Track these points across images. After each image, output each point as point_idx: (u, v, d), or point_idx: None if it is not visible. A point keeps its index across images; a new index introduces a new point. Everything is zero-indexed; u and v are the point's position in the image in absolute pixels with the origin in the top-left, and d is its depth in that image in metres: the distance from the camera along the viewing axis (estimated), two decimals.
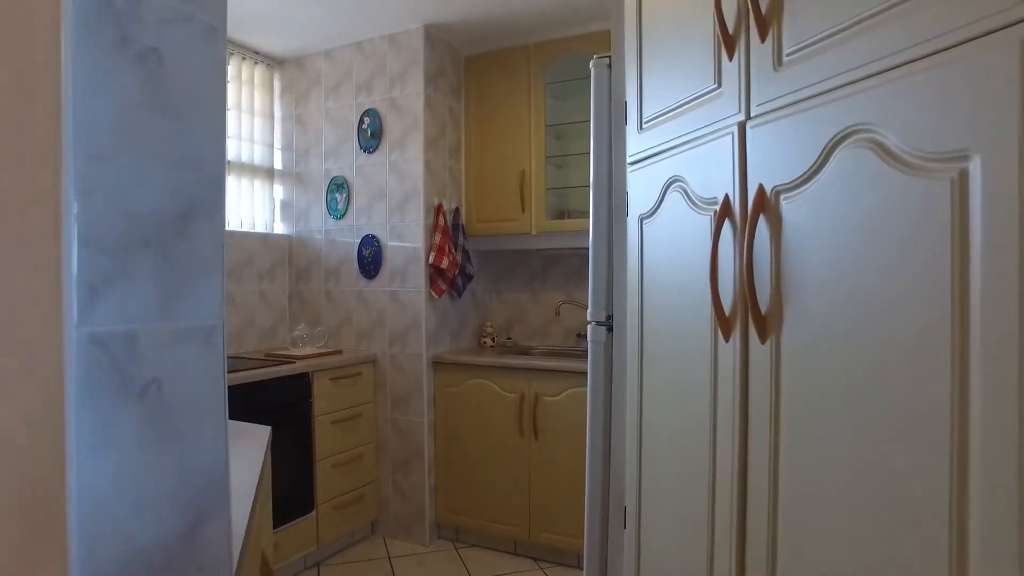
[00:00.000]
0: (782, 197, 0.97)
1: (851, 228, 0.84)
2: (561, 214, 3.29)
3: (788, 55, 0.97)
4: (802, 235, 0.93)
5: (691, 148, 1.24)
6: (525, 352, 3.36)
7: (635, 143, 1.51)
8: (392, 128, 3.14)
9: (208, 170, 0.69)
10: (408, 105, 3.09)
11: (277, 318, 3.44)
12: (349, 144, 3.28)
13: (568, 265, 3.44)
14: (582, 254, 3.33)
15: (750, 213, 1.01)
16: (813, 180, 0.91)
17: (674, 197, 1.30)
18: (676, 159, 1.30)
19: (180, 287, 0.67)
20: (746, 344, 1.06)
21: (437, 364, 3.12)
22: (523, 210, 3.18)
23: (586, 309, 3.38)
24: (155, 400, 0.64)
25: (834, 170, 0.87)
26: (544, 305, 3.50)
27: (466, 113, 3.35)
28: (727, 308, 1.10)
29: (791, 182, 0.95)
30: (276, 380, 2.64)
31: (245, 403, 2.50)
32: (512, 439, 2.92)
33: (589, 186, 1.98)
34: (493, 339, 3.46)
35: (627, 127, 1.56)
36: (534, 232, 3.17)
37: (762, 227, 1.01)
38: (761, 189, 1.01)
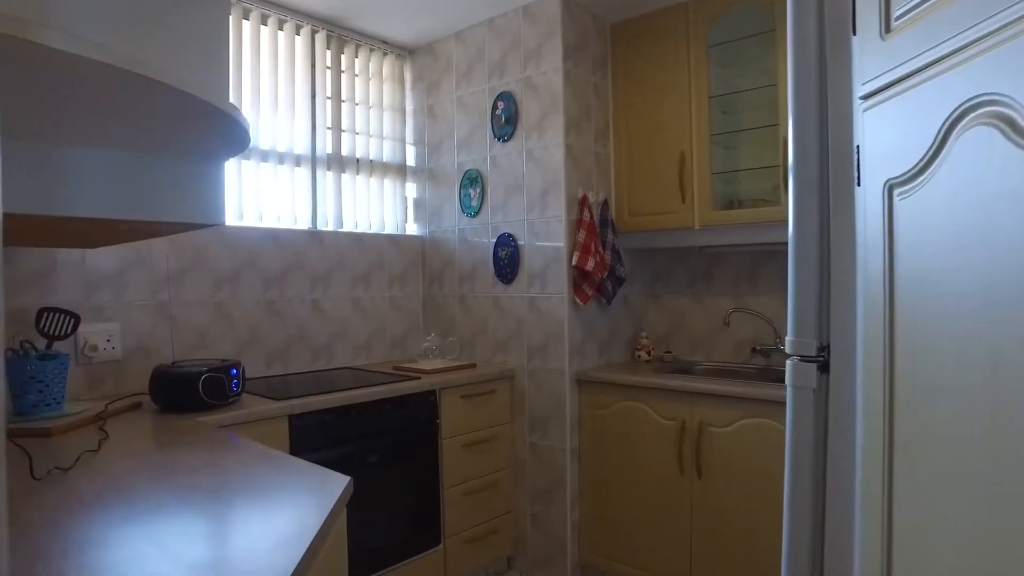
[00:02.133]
0: None
1: None
2: (730, 203, 2.72)
3: None
4: None
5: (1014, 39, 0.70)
6: (687, 369, 2.83)
7: (876, 59, 0.97)
8: (528, 111, 2.76)
9: None
10: (545, 84, 2.70)
11: (409, 326, 3.19)
12: (482, 133, 2.95)
13: (739, 265, 2.86)
14: (756, 252, 2.74)
15: None
16: None
17: (975, 137, 0.76)
18: (976, 67, 0.76)
19: None
20: None
21: (582, 382, 2.69)
22: (683, 200, 2.66)
23: (763, 320, 2.82)
24: None
25: None
26: (709, 312, 2.95)
27: (613, 89, 2.89)
28: None
29: None
30: (397, 399, 2.35)
31: (360, 424, 2.23)
32: (670, 476, 2.41)
33: (764, 168, 1.46)
34: (649, 353, 2.96)
35: (855, 42, 1.03)
36: (697, 226, 2.64)
37: None
38: None
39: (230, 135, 0.97)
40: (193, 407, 1.89)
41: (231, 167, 2.53)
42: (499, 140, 2.87)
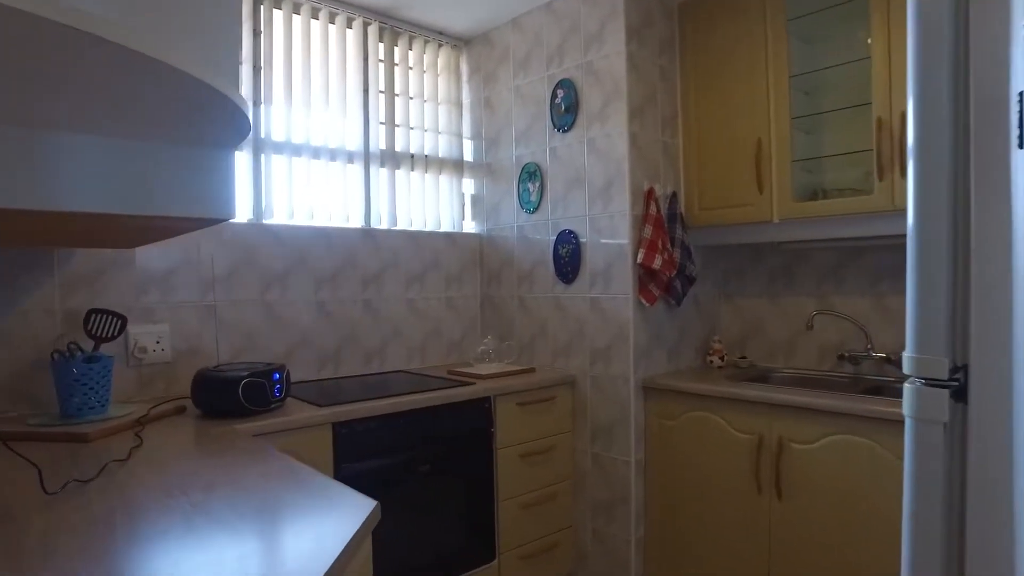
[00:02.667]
0: None
1: None
2: (813, 194, 2.46)
3: None
4: None
5: None
6: (764, 377, 2.58)
7: None
8: (589, 99, 2.58)
9: None
10: (607, 68, 2.51)
11: (467, 328, 3.06)
12: (541, 124, 2.79)
13: (823, 262, 2.58)
14: (843, 247, 2.47)
15: None
16: None
17: None
18: None
19: None
20: None
21: (648, 390, 2.48)
22: (760, 191, 2.41)
23: (851, 323, 2.51)
24: None
25: None
26: (789, 314, 2.68)
27: (682, 73, 2.67)
28: None
29: None
30: (449, 406, 2.22)
31: (409, 432, 2.11)
32: (746, 494, 2.18)
33: (854, 153, 1.22)
34: (722, 358, 2.72)
35: None
36: (776, 220, 2.39)
37: None
38: None
39: (221, 119, 0.85)
40: (234, 413, 1.82)
41: (281, 164, 2.47)
42: (559, 131, 2.70)
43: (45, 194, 0.84)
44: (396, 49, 2.88)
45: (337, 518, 1.04)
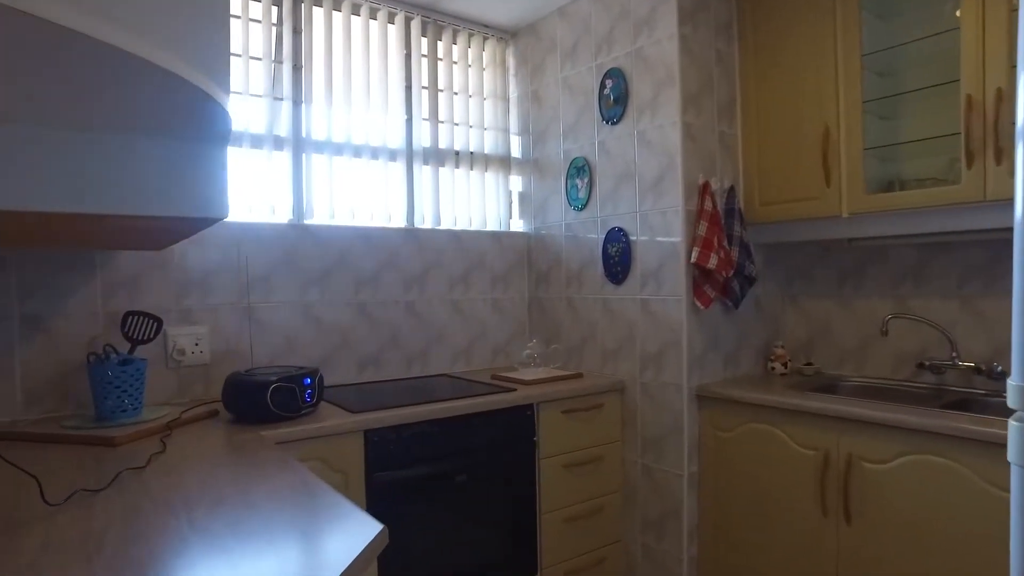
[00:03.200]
0: None
1: None
2: (888, 185, 2.23)
3: None
4: None
5: None
6: (831, 387, 2.36)
7: None
8: (639, 88, 2.43)
9: None
10: (658, 55, 2.35)
11: (514, 331, 2.96)
12: (589, 116, 2.65)
13: (899, 260, 2.34)
14: (923, 244, 2.23)
15: None
16: None
17: None
18: None
19: None
20: None
21: (702, 398, 2.32)
22: (828, 184, 2.21)
23: (933, 328, 2.23)
24: None
25: None
26: (860, 318, 2.45)
27: (741, 57, 2.48)
28: None
29: None
30: (488, 413, 2.12)
31: (445, 440, 2.02)
32: (810, 516, 1.99)
33: (937, 138, 1.03)
34: (785, 365, 2.51)
35: None
36: (845, 214, 2.18)
37: None
38: None
39: (190, 110, 0.77)
40: (262, 418, 1.77)
41: (323, 163, 2.43)
42: (607, 123, 2.56)
43: None
44: (440, 44, 2.80)
45: (340, 542, 0.96)
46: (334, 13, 2.47)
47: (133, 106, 0.76)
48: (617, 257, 2.54)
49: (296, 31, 2.40)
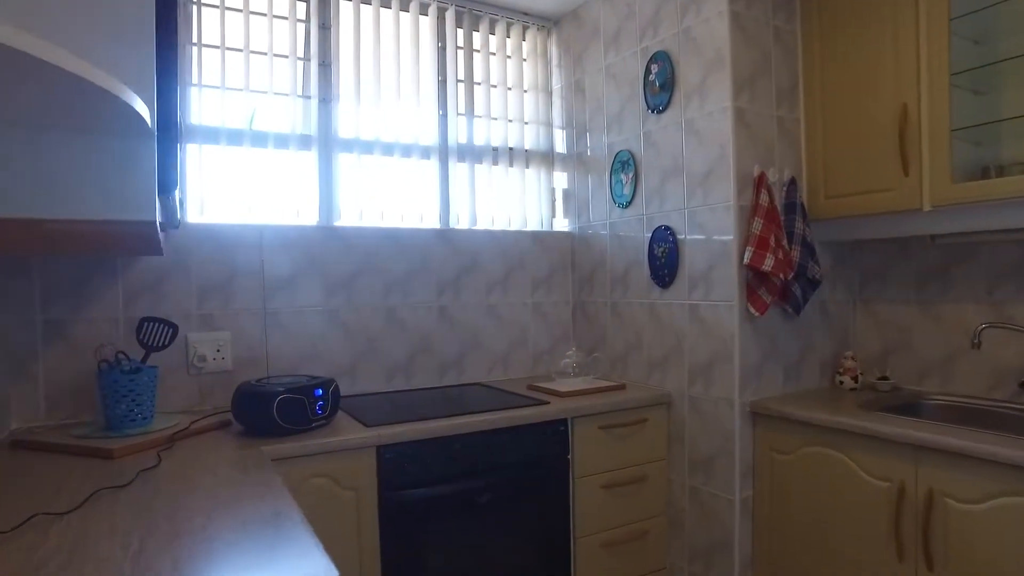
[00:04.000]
0: None
1: None
2: (983, 171, 1.92)
3: None
4: None
5: None
6: (911, 406, 2.07)
7: None
8: (687, 72, 2.21)
9: None
10: (707, 35, 2.12)
11: (557, 337, 2.78)
12: (634, 106, 2.44)
13: (995, 260, 2.02)
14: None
15: None
16: None
17: None
18: None
19: None
20: None
21: (757, 416, 2.08)
22: (906, 172, 1.92)
23: None
24: None
25: None
26: (946, 326, 2.14)
27: (804, 34, 2.22)
28: None
29: None
30: (514, 429, 1.96)
31: (467, 457, 1.87)
32: (882, 558, 1.72)
33: None
34: (855, 379, 2.23)
35: None
36: (927, 207, 1.89)
37: None
38: None
39: (69, 98, 0.66)
40: (270, 431, 1.68)
41: (349, 162, 2.34)
42: (653, 112, 2.35)
43: None
44: (476, 35, 2.66)
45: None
46: (363, 7, 2.37)
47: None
48: (664, 258, 2.32)
49: (323, 27, 2.32)
